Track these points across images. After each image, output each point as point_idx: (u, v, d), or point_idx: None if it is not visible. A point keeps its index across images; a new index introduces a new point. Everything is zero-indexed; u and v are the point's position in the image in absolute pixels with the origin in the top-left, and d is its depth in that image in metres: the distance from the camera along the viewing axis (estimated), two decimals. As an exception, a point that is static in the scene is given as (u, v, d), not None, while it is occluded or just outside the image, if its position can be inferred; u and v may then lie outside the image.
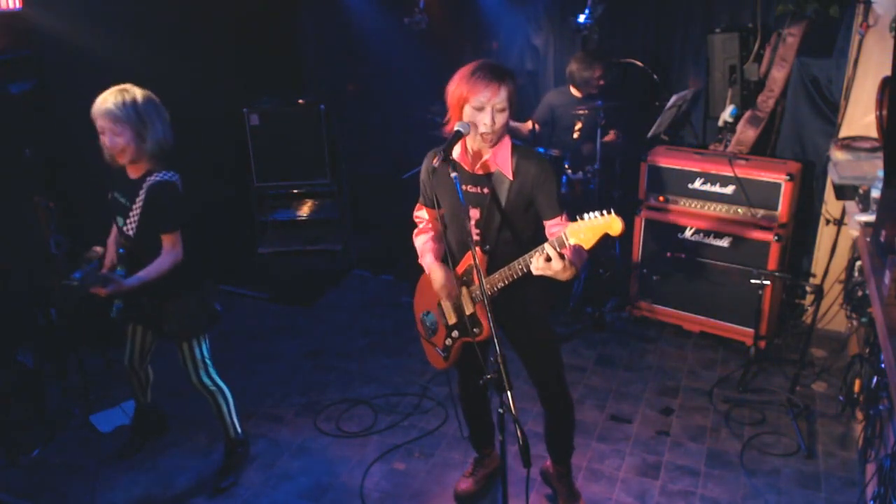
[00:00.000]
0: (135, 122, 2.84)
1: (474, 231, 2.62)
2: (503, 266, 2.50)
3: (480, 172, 2.59)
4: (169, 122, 2.97)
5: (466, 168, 2.60)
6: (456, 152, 2.57)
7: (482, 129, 2.45)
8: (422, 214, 2.91)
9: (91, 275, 2.86)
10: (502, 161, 2.55)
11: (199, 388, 3.25)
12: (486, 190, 2.58)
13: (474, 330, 2.67)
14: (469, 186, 2.60)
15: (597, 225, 2.17)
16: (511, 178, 2.54)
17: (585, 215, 2.20)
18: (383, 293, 5.30)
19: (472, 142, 2.57)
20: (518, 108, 2.66)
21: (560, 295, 4.74)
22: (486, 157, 2.57)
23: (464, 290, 2.66)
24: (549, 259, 2.30)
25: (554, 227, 2.54)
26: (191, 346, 3.16)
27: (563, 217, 2.55)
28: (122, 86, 2.90)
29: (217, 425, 3.39)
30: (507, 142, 2.58)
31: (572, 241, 2.23)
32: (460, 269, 2.67)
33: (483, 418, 3.19)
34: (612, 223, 2.15)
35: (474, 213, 2.61)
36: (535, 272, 2.36)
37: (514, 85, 2.48)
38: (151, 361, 3.46)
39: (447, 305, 2.76)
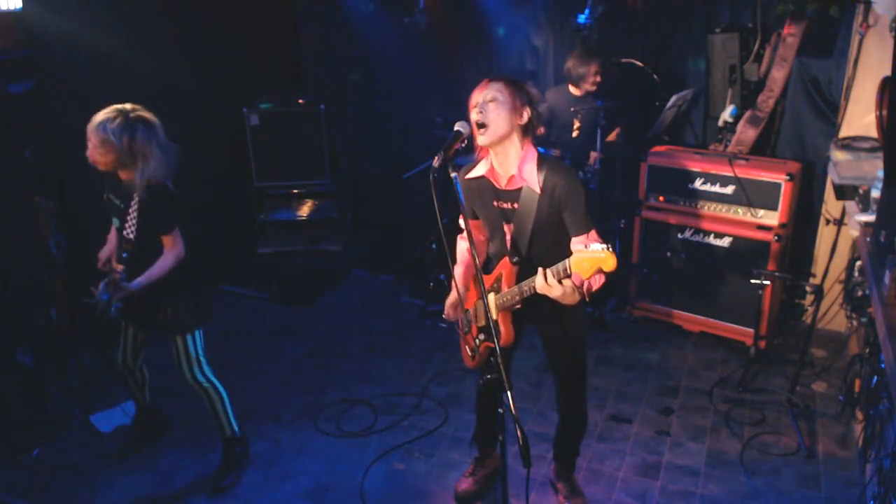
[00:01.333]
0: (123, 154, 2.85)
1: (508, 243, 2.68)
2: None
3: (510, 188, 2.62)
4: (169, 155, 2.94)
5: (496, 185, 2.64)
6: (484, 169, 2.65)
7: (473, 116, 2.50)
8: (463, 224, 2.95)
9: (113, 291, 2.97)
10: (529, 175, 2.57)
11: (193, 384, 3.25)
12: (515, 205, 2.61)
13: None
14: (500, 202, 2.65)
15: (595, 258, 2.15)
16: (539, 192, 2.55)
17: (592, 245, 2.19)
18: (383, 293, 5.30)
19: (496, 158, 2.61)
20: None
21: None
22: (512, 172, 2.59)
23: (492, 296, 2.66)
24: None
25: (578, 244, 2.51)
26: (185, 341, 3.17)
27: (591, 234, 2.53)
28: (133, 110, 2.88)
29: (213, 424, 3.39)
30: (532, 154, 2.59)
31: (574, 270, 2.21)
32: (493, 277, 2.71)
33: (492, 419, 3.19)
34: (607, 259, 2.13)
35: (508, 228, 2.66)
36: (538, 290, 2.37)
37: (510, 83, 2.53)
38: (146, 361, 3.46)
39: (479, 308, 2.79)
